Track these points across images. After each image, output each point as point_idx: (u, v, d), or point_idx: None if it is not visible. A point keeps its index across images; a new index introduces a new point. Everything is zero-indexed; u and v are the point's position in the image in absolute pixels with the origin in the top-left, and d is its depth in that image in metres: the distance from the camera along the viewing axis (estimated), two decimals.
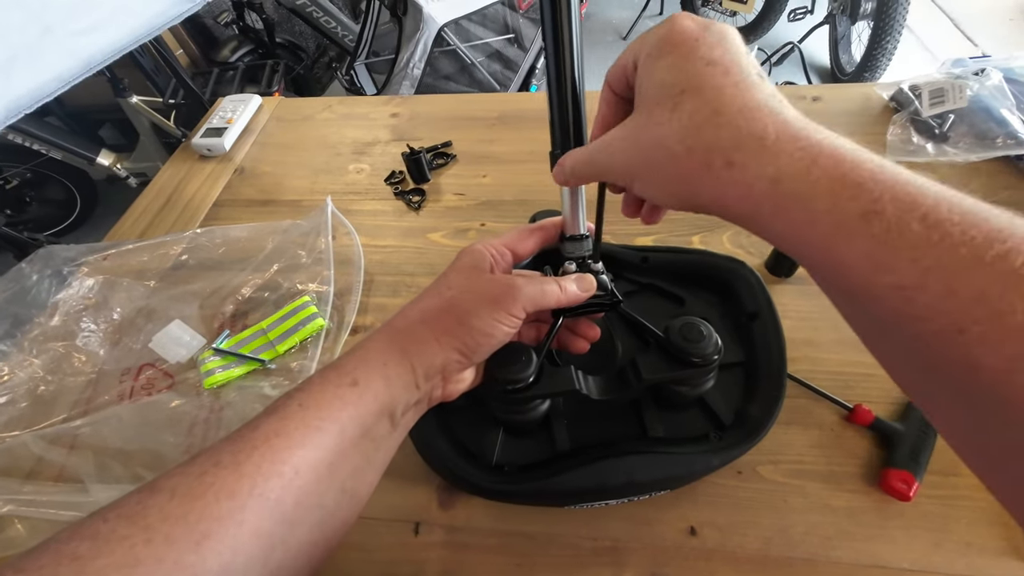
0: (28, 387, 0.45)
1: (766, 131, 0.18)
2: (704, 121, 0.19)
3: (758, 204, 0.18)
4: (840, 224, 0.16)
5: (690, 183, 0.20)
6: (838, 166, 0.17)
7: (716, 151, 0.19)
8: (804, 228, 0.17)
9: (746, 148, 0.18)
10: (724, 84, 0.19)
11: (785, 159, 0.17)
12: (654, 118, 0.21)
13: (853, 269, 0.16)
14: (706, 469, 0.32)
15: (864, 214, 0.16)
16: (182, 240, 0.55)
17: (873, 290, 0.15)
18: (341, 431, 0.23)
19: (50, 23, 0.30)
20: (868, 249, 0.15)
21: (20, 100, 0.30)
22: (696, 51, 0.20)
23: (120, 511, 0.19)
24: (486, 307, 0.26)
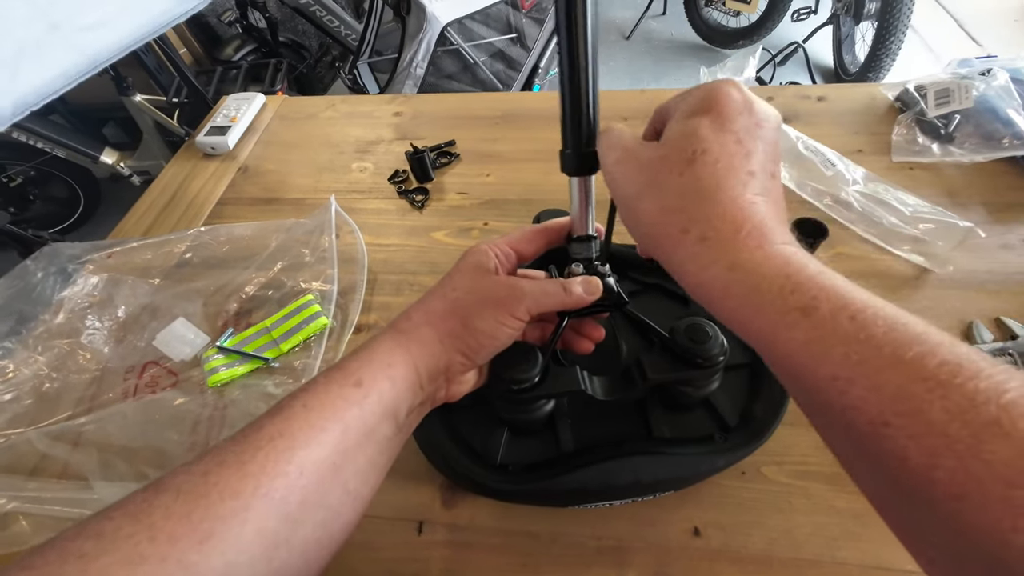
0: (33, 384, 0.45)
1: (744, 225, 0.20)
2: (705, 190, 0.21)
3: (711, 282, 0.20)
4: (782, 315, 0.18)
5: (664, 239, 0.22)
6: (784, 266, 0.19)
7: (700, 223, 0.21)
8: (750, 315, 0.19)
9: (721, 234, 0.20)
10: (740, 166, 0.21)
11: (746, 252, 0.20)
12: (670, 163, 0.22)
13: (794, 356, 0.18)
14: (711, 470, 0.31)
15: (803, 308, 0.18)
16: (186, 238, 0.55)
17: (811, 378, 0.17)
18: (345, 432, 0.23)
19: (57, 19, 0.30)
20: (806, 339, 0.17)
21: (27, 97, 0.30)
22: (733, 123, 0.21)
23: (125, 509, 0.19)
24: (490, 309, 0.26)
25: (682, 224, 0.21)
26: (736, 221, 0.20)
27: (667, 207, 0.22)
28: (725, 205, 0.20)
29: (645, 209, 0.23)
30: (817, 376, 0.17)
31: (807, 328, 0.17)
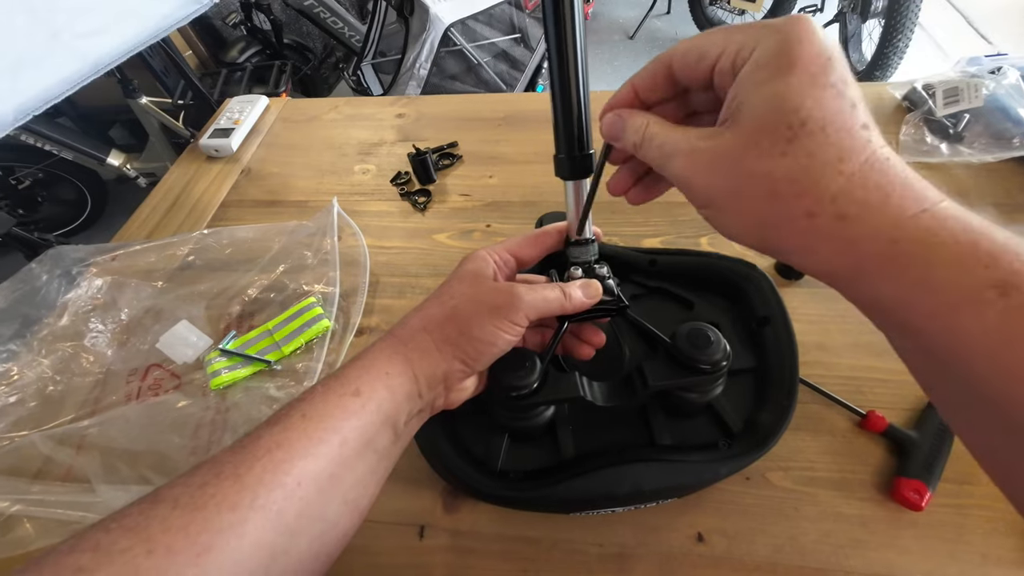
0: (37, 387, 0.45)
1: (892, 187, 0.16)
2: (825, 165, 0.17)
3: (862, 261, 0.17)
4: (969, 294, 0.15)
5: (782, 228, 0.18)
6: (968, 231, 0.15)
7: (829, 201, 0.17)
8: (918, 294, 0.16)
9: (868, 204, 0.16)
10: (852, 125, 0.17)
11: (908, 220, 0.16)
12: (763, 147, 0.18)
13: (977, 343, 0.15)
14: (715, 478, 0.31)
15: (1000, 285, 0.14)
16: (189, 241, 0.55)
17: (996, 369, 0.14)
18: (343, 442, 0.23)
19: (57, 27, 0.31)
20: (1000, 323, 0.14)
21: (28, 102, 0.31)
22: (827, 75, 0.17)
23: (122, 522, 0.19)
24: (488, 316, 0.25)
25: (806, 208, 0.17)
26: (880, 186, 0.16)
27: (778, 194, 0.18)
28: (856, 171, 0.17)
29: (746, 209, 0.19)
30: (1006, 366, 0.14)
31: (1004, 309, 0.14)
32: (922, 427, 0.36)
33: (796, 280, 0.46)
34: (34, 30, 0.28)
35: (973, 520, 0.33)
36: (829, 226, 0.17)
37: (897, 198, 0.16)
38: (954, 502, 0.34)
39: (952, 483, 0.34)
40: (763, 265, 0.40)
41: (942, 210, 0.16)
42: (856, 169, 0.17)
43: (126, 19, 0.34)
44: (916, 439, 0.35)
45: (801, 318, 0.36)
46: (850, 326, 0.42)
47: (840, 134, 0.17)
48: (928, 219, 0.16)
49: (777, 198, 0.18)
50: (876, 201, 0.16)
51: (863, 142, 0.17)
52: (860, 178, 0.17)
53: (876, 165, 0.17)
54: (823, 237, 0.17)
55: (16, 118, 0.30)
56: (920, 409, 0.38)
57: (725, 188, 0.19)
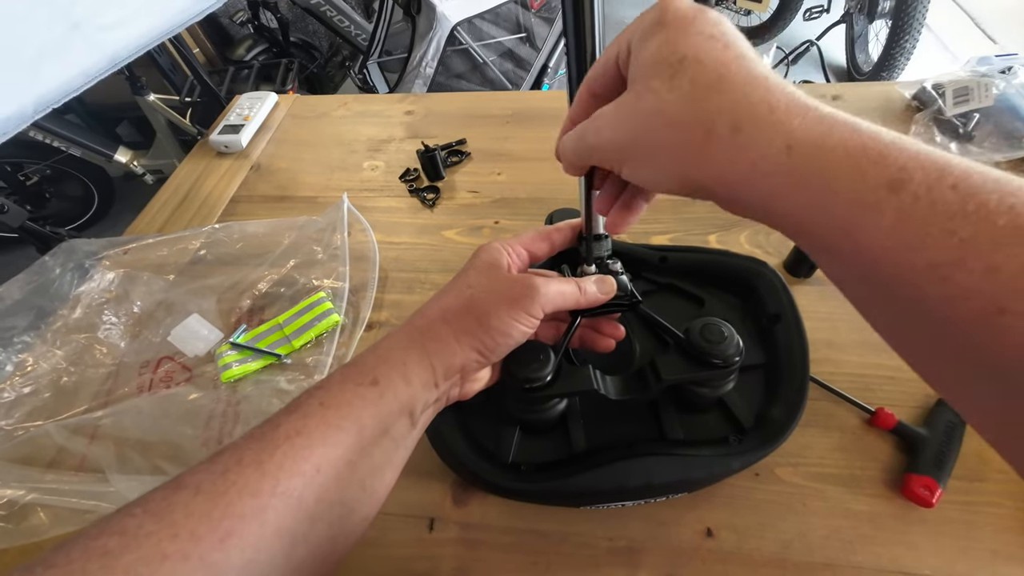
0: (51, 378, 0.46)
1: (775, 98, 0.17)
2: (708, 87, 0.17)
3: (768, 177, 0.17)
4: (864, 196, 0.15)
5: (689, 156, 0.18)
6: (856, 134, 0.15)
7: (722, 116, 0.17)
8: (821, 204, 0.16)
9: (755, 115, 0.17)
10: (726, 57, 0.18)
11: (799, 126, 0.16)
12: (650, 88, 0.19)
13: (879, 248, 0.15)
14: (725, 472, 0.31)
15: (891, 183, 0.14)
16: (200, 235, 0.56)
17: (901, 270, 0.14)
18: (361, 430, 0.23)
19: (77, 18, 0.31)
20: (896, 223, 0.14)
21: (48, 95, 0.31)
22: (693, 26, 0.18)
23: (147, 507, 0.19)
24: (505, 307, 0.26)
25: (703, 126, 0.17)
26: (767, 99, 0.17)
27: (675, 124, 0.18)
28: (741, 87, 0.17)
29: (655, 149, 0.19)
30: (909, 265, 0.14)
31: (897, 207, 0.14)
32: (932, 424, 0.36)
33: (805, 278, 0.46)
34: (55, 21, 0.29)
35: (983, 517, 0.33)
36: (729, 142, 0.17)
37: (783, 109, 0.17)
38: (964, 499, 0.34)
39: (962, 480, 0.34)
40: (773, 263, 0.41)
41: (829, 116, 0.16)
42: (738, 87, 0.17)
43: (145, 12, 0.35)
44: (926, 436, 0.35)
45: (810, 315, 0.36)
46: (859, 323, 0.42)
47: (715, 63, 0.18)
48: (817, 124, 0.16)
49: (675, 127, 0.18)
50: (763, 113, 0.17)
51: (739, 66, 0.18)
52: (743, 94, 0.17)
53: (755, 83, 0.17)
54: (729, 156, 0.17)
55: (36, 111, 0.30)
56: (929, 406, 0.38)
57: (631, 136, 0.20)
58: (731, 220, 0.53)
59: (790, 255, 0.47)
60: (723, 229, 0.52)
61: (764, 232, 0.51)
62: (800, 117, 0.16)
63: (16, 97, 0.29)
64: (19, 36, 0.28)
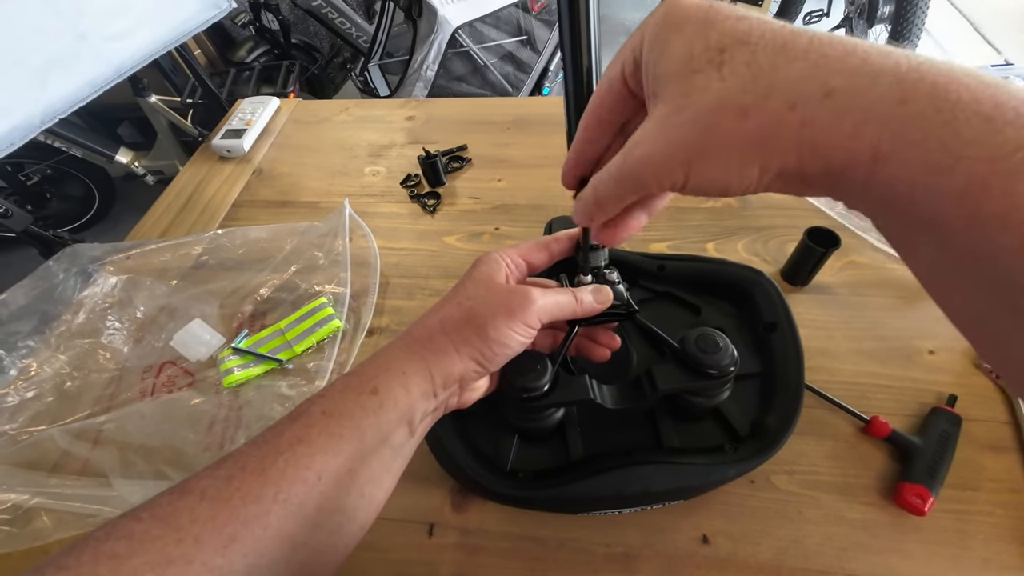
0: (55, 382, 0.46)
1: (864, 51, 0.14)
2: (772, 62, 0.15)
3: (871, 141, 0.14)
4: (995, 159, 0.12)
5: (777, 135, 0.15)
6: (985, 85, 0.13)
7: (804, 83, 0.14)
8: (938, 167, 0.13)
9: (848, 70, 0.14)
10: (773, 27, 0.16)
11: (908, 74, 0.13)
12: (698, 87, 0.16)
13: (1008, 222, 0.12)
14: (721, 480, 0.32)
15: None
16: (203, 240, 0.56)
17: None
18: (362, 439, 0.23)
19: (85, 30, 0.31)
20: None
21: (55, 105, 0.31)
22: (717, 14, 0.17)
23: (153, 512, 0.19)
24: (503, 317, 0.26)
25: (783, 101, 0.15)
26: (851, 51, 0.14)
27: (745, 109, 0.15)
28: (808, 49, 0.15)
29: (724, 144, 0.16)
30: None
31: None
32: (925, 433, 0.36)
33: (801, 286, 0.47)
34: (63, 33, 0.29)
35: (975, 525, 0.34)
36: (820, 109, 0.14)
37: (878, 57, 0.14)
38: (956, 507, 0.34)
39: (955, 489, 0.35)
40: (770, 272, 0.41)
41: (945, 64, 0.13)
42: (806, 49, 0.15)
43: (150, 23, 0.35)
44: (919, 445, 0.36)
45: (806, 324, 0.37)
46: (854, 332, 0.43)
47: (765, 36, 0.15)
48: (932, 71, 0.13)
49: (747, 113, 0.15)
50: (857, 64, 0.14)
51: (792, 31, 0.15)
52: (817, 54, 0.15)
53: (825, 40, 0.15)
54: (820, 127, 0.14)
55: (43, 121, 0.31)
56: (923, 415, 0.38)
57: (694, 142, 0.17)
58: (728, 228, 0.53)
59: (787, 264, 0.47)
60: (720, 237, 0.52)
61: (761, 240, 0.51)
62: (906, 63, 0.13)
63: (24, 107, 0.29)
64: (27, 47, 0.29)
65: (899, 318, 0.44)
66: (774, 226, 0.52)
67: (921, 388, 0.40)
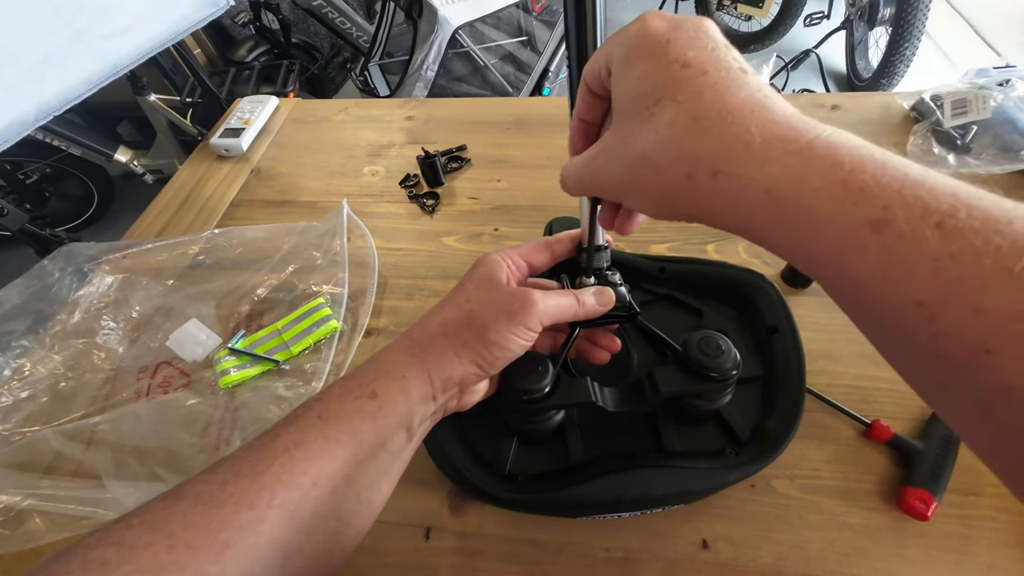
0: (49, 383, 0.46)
1: (750, 134, 0.17)
2: (683, 130, 0.18)
3: (752, 214, 0.17)
4: (846, 235, 0.15)
5: (677, 196, 0.19)
6: (836, 170, 0.15)
7: (700, 161, 0.17)
8: (807, 240, 0.16)
9: (731, 156, 0.17)
10: (702, 87, 0.18)
11: (775, 165, 0.16)
12: (632, 131, 0.20)
13: (866, 283, 0.15)
14: (722, 484, 0.31)
15: (872, 223, 0.14)
16: (200, 240, 0.56)
17: (889, 306, 0.14)
18: (359, 443, 0.23)
19: (81, 28, 0.31)
20: (881, 262, 0.14)
21: (50, 102, 0.31)
22: (668, 54, 0.18)
23: (144, 518, 0.19)
24: (503, 320, 0.26)
25: (684, 172, 0.18)
26: (738, 135, 0.17)
27: (659, 169, 0.19)
28: (716, 128, 0.17)
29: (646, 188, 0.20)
30: (896, 303, 0.14)
31: (880, 246, 0.14)
32: (927, 437, 0.36)
33: (803, 289, 0.47)
34: (59, 31, 0.29)
35: (978, 531, 0.33)
36: (709, 185, 0.17)
37: (759, 145, 0.16)
38: (959, 512, 0.34)
39: (957, 494, 0.34)
40: (770, 274, 0.41)
41: (808, 148, 0.16)
42: (713, 127, 0.17)
43: (147, 20, 0.35)
44: (921, 449, 0.35)
45: (807, 327, 0.36)
46: (856, 335, 0.42)
47: (690, 99, 0.18)
48: (795, 161, 0.16)
49: (660, 172, 0.19)
50: (739, 153, 0.17)
51: (714, 99, 0.17)
52: (718, 135, 0.17)
53: (731, 117, 0.17)
54: (712, 196, 0.18)
55: (37, 118, 0.30)
56: (925, 419, 0.38)
57: (624, 177, 0.21)
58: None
59: (788, 266, 0.47)
60: (722, 239, 0.52)
61: None
62: (779, 152, 0.16)
63: (18, 105, 0.29)
64: (22, 45, 0.28)
65: None
66: None
67: None
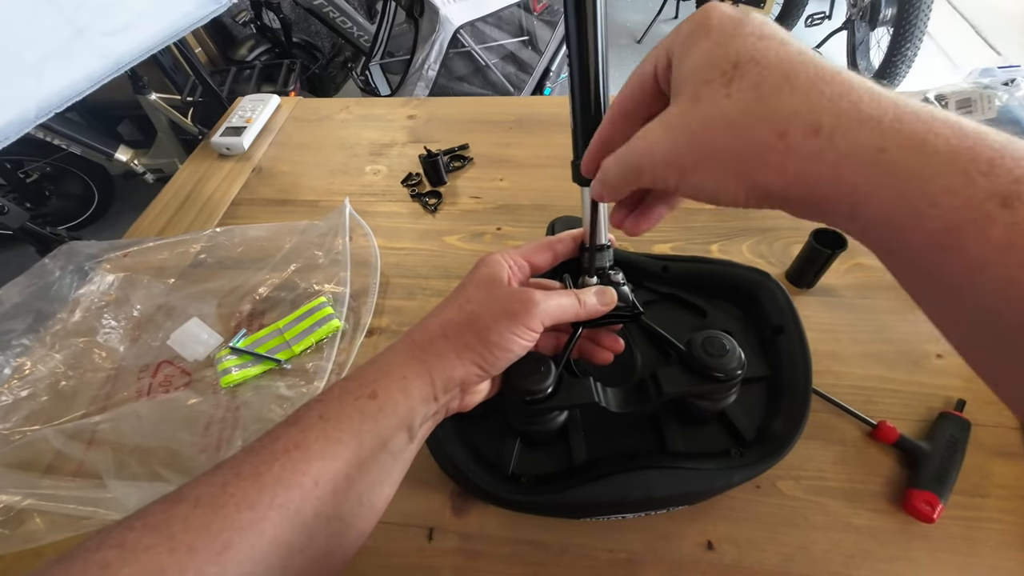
0: (49, 382, 0.46)
1: (858, 93, 0.15)
2: (774, 88, 0.16)
3: (855, 180, 0.15)
4: (972, 208, 0.13)
5: (761, 162, 0.16)
6: (961, 136, 0.14)
7: (798, 116, 0.15)
8: (918, 212, 0.14)
9: (836, 110, 0.15)
10: (788, 53, 0.16)
11: (890, 125, 0.14)
12: (705, 97, 0.17)
13: (987, 266, 0.13)
14: (727, 486, 0.31)
15: (1004, 197, 0.13)
16: (201, 238, 0.56)
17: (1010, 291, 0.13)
18: (360, 444, 0.23)
19: (82, 24, 0.31)
20: (1009, 241, 0.13)
21: (51, 99, 0.31)
22: (743, 28, 0.17)
23: (146, 520, 0.19)
24: (505, 321, 0.25)
25: (775, 129, 0.16)
26: (848, 94, 0.15)
27: (740, 130, 0.17)
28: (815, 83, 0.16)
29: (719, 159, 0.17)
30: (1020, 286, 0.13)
31: (1009, 223, 0.13)
32: (933, 439, 0.36)
33: (808, 289, 0.46)
34: (60, 27, 0.29)
35: (984, 533, 0.33)
36: (806, 144, 0.16)
37: (868, 104, 0.15)
38: (965, 514, 0.34)
39: (963, 495, 0.34)
40: (775, 273, 0.40)
41: (927, 112, 0.14)
42: (811, 83, 0.16)
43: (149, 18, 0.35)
44: (928, 450, 0.35)
45: (813, 327, 0.36)
46: (861, 335, 0.42)
47: (776, 61, 0.16)
48: (913, 122, 0.14)
49: (743, 133, 0.17)
50: (847, 108, 0.15)
51: (804, 62, 0.16)
52: (818, 91, 0.16)
53: (829, 77, 0.16)
54: (804, 158, 0.16)
55: (38, 115, 0.30)
56: (931, 420, 0.37)
57: (689, 148, 0.18)
58: (733, 230, 0.52)
59: (792, 266, 0.47)
60: (725, 239, 0.52)
61: (766, 242, 0.51)
62: (892, 112, 0.15)
63: (19, 102, 0.29)
64: (23, 42, 0.28)
65: (906, 321, 0.43)
66: (779, 227, 0.52)
67: (929, 392, 0.39)
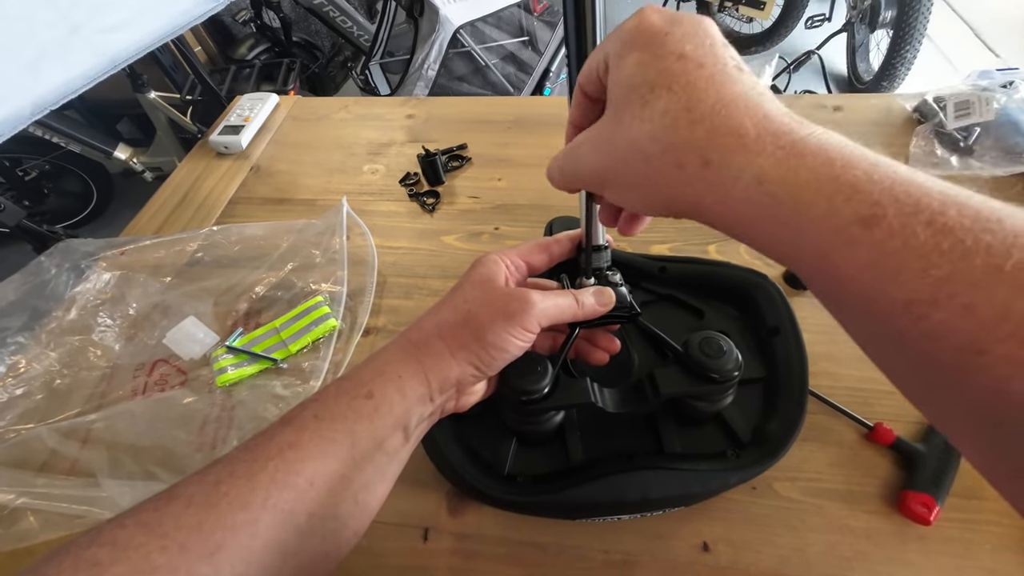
0: (44, 380, 0.45)
1: (744, 127, 0.17)
2: (676, 118, 0.18)
3: (739, 208, 0.17)
4: (836, 231, 0.15)
5: (664, 186, 0.19)
6: (828, 165, 0.15)
7: (690, 149, 0.17)
8: (795, 236, 0.16)
9: (723, 146, 0.17)
10: (697, 78, 0.18)
11: (767, 158, 0.16)
12: (623, 119, 0.19)
13: (854, 281, 0.14)
14: (723, 487, 0.31)
15: (863, 219, 0.14)
16: (198, 237, 0.56)
17: (878, 304, 0.14)
18: (355, 444, 0.23)
19: (78, 21, 0.31)
20: (871, 259, 0.14)
21: (46, 96, 0.31)
22: (665, 45, 0.18)
23: (138, 518, 0.19)
24: (501, 322, 0.25)
25: (674, 160, 0.18)
26: (731, 127, 0.17)
27: (649, 157, 0.19)
28: (709, 117, 0.17)
29: (633, 178, 0.20)
30: (886, 301, 0.14)
31: (870, 244, 0.14)
32: (930, 440, 0.36)
33: (804, 289, 0.46)
34: (56, 24, 0.28)
35: (981, 535, 0.33)
36: (699, 175, 0.17)
37: (753, 138, 0.16)
38: (962, 517, 0.34)
39: (960, 498, 0.34)
40: (772, 274, 0.40)
41: (801, 142, 0.16)
42: (706, 117, 0.17)
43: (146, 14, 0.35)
44: (924, 452, 0.35)
45: (809, 328, 0.36)
46: None
47: (683, 88, 0.18)
48: (787, 154, 0.16)
49: (650, 160, 0.19)
50: (731, 145, 0.17)
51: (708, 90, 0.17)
52: (711, 125, 0.17)
53: (726, 109, 0.17)
54: (701, 187, 0.18)
55: (33, 112, 0.30)
56: (928, 422, 0.37)
57: (608, 165, 0.21)
58: None
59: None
60: (722, 239, 0.52)
61: None
62: (771, 146, 0.16)
63: (14, 99, 0.29)
64: (19, 38, 0.28)
65: None
66: None
67: None
